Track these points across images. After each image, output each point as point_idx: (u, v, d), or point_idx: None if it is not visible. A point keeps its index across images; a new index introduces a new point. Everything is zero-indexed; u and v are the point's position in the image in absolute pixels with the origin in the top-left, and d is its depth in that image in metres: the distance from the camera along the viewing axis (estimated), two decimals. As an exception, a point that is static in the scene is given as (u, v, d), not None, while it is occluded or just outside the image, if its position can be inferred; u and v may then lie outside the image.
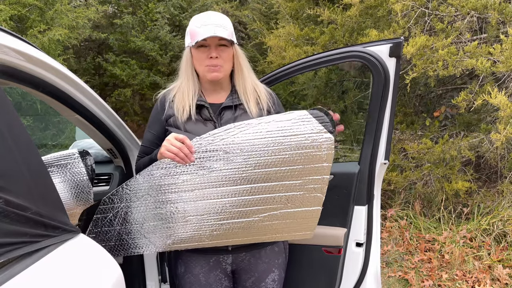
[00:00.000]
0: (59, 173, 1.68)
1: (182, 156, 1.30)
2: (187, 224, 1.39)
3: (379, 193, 1.87)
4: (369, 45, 1.69)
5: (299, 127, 1.30)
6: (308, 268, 1.87)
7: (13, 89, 4.34)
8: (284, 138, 1.31)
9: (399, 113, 4.49)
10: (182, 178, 1.35)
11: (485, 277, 3.05)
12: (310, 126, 1.30)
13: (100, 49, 8.35)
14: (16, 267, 0.79)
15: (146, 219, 1.41)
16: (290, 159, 1.32)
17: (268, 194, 1.35)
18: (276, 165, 1.32)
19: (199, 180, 1.34)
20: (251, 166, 1.32)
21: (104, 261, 1.07)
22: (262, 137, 1.30)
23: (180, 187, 1.36)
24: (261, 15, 8.01)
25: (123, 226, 1.42)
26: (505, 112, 2.89)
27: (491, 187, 4.02)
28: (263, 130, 1.30)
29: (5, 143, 0.82)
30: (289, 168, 1.33)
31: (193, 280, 1.54)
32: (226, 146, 1.31)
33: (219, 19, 1.46)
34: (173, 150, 1.30)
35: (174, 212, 1.39)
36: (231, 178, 1.34)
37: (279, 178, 1.34)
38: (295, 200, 1.36)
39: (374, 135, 1.75)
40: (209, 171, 1.33)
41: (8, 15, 4.63)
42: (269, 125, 1.30)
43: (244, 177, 1.33)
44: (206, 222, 1.39)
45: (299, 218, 1.39)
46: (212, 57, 1.45)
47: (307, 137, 1.31)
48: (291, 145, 1.31)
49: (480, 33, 3.68)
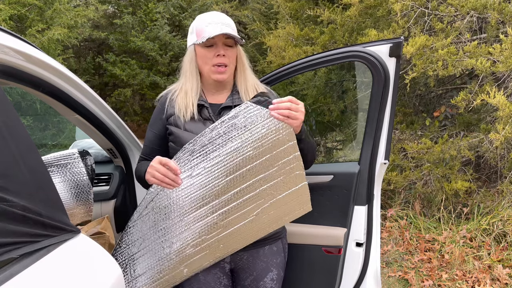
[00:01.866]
0: (59, 173, 1.68)
1: (168, 181, 1.32)
2: (193, 251, 1.41)
3: (379, 193, 1.87)
4: (369, 45, 1.69)
5: (249, 119, 1.30)
6: (308, 268, 1.87)
7: (13, 89, 4.34)
8: (241, 135, 1.30)
9: (399, 113, 4.49)
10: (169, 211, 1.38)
11: (485, 277, 3.06)
12: (260, 113, 1.29)
13: (100, 49, 8.35)
14: (16, 267, 0.79)
15: (151, 267, 1.43)
16: (256, 153, 1.32)
17: (252, 193, 1.36)
18: (246, 164, 1.32)
19: (186, 206, 1.36)
20: (224, 175, 1.33)
21: (104, 261, 1.07)
22: (223, 144, 1.31)
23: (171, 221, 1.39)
24: (261, 15, 8.01)
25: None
26: (504, 112, 2.89)
27: (491, 187, 4.02)
28: (221, 135, 1.31)
29: (5, 143, 0.82)
30: (259, 162, 1.33)
31: (191, 278, 1.55)
32: (195, 167, 1.33)
33: (224, 19, 1.47)
34: (158, 176, 1.32)
35: (172, 249, 1.42)
36: (210, 193, 1.34)
37: (255, 174, 1.34)
38: (280, 187, 1.37)
39: (374, 135, 1.75)
40: (190, 193, 1.35)
41: (7, 14, 4.63)
42: (221, 127, 1.31)
43: (223, 188, 1.34)
44: (207, 243, 1.40)
45: (290, 199, 1.39)
46: (219, 55, 1.45)
47: (262, 126, 1.30)
48: (251, 139, 1.30)
49: (480, 33, 3.69)
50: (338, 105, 4.45)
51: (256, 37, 6.84)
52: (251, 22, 7.70)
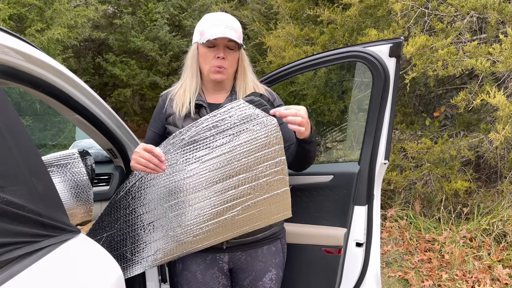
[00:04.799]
0: (59, 173, 1.68)
1: (152, 167, 1.31)
2: (168, 237, 1.44)
3: (379, 193, 1.87)
4: (369, 45, 1.69)
5: (240, 117, 1.30)
6: (308, 268, 1.87)
7: (12, 89, 4.34)
8: (231, 130, 1.31)
9: (399, 113, 4.49)
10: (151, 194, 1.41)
11: (485, 277, 3.06)
12: (252, 113, 1.30)
13: (100, 49, 8.35)
14: (16, 267, 0.79)
15: (129, 242, 1.47)
16: (243, 152, 1.32)
17: (234, 189, 1.37)
18: (232, 161, 1.33)
19: (171, 191, 1.39)
20: (210, 168, 1.34)
21: (104, 261, 1.07)
22: (212, 137, 1.32)
23: (149, 203, 1.42)
24: (260, 15, 8.01)
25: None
26: (504, 112, 2.89)
27: (491, 187, 4.02)
28: (210, 128, 1.32)
29: (5, 143, 0.82)
30: (245, 160, 1.33)
31: (190, 277, 1.55)
32: (186, 156, 1.35)
33: (230, 21, 1.47)
34: (141, 162, 1.31)
35: (153, 229, 1.43)
36: (198, 183, 1.37)
37: (239, 172, 1.35)
38: (261, 188, 1.37)
39: (374, 135, 1.75)
40: (181, 178, 1.37)
41: (7, 14, 4.63)
42: (212, 120, 1.31)
43: (209, 180, 1.36)
44: (188, 229, 1.42)
45: (271, 202, 1.39)
46: (219, 57, 1.46)
47: (253, 125, 1.30)
48: (241, 137, 1.31)
49: (480, 33, 3.69)
50: (338, 105, 4.45)
51: (256, 37, 6.83)
52: (250, 22, 7.69)
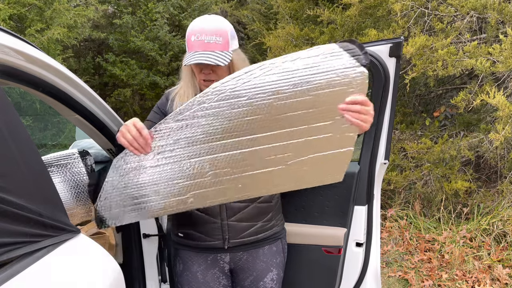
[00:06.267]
0: (59, 173, 1.68)
1: (136, 146, 1.24)
2: (210, 179, 1.29)
3: (379, 193, 1.87)
4: (369, 45, 1.68)
5: (328, 62, 1.17)
6: (308, 268, 1.87)
7: (13, 89, 4.34)
8: (312, 76, 1.17)
9: (399, 113, 4.49)
10: (203, 127, 1.23)
11: (485, 277, 3.06)
12: (341, 61, 1.17)
13: (99, 49, 8.34)
14: (16, 267, 0.79)
15: (163, 179, 1.30)
16: (319, 100, 1.19)
17: (294, 140, 1.24)
18: (305, 107, 1.20)
19: (217, 131, 1.23)
20: (276, 111, 1.20)
21: (104, 261, 1.07)
22: (288, 77, 1.18)
23: (198, 139, 1.25)
24: (260, 15, 8.02)
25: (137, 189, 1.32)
26: (503, 112, 2.89)
27: (491, 187, 4.02)
28: (289, 69, 1.17)
29: (5, 143, 0.82)
30: (319, 109, 1.20)
31: (191, 278, 1.55)
32: (249, 91, 1.18)
33: (211, 31, 1.38)
34: (127, 137, 1.24)
35: (194, 168, 1.27)
36: (251, 127, 1.21)
37: (307, 121, 1.21)
38: (326, 143, 1.25)
39: (374, 135, 1.75)
40: (228, 120, 1.21)
41: (7, 14, 4.63)
42: (295, 63, 1.17)
43: (268, 124, 1.21)
44: (227, 177, 1.29)
45: (329, 160, 1.28)
46: (204, 73, 1.42)
47: (338, 74, 1.17)
48: (321, 83, 1.18)
49: (480, 33, 3.69)
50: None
51: (255, 37, 6.83)
52: (250, 22, 7.69)
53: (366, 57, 1.17)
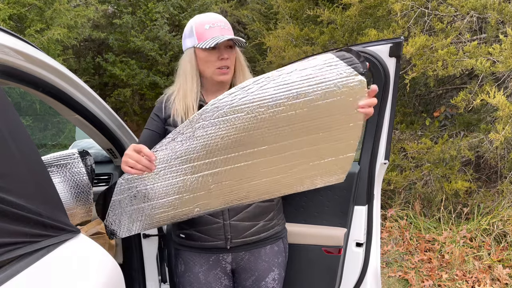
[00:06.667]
0: (59, 173, 1.68)
1: (139, 167, 1.25)
2: (214, 191, 1.31)
3: (379, 193, 1.87)
4: (369, 45, 1.68)
5: (325, 73, 1.16)
6: (308, 268, 1.87)
7: (13, 89, 4.34)
8: (309, 87, 1.17)
9: (399, 113, 4.49)
10: (204, 143, 1.25)
11: (485, 277, 3.06)
12: (338, 70, 1.16)
13: (99, 49, 8.34)
14: (16, 267, 0.79)
15: (169, 193, 1.33)
16: (318, 111, 1.19)
17: (294, 150, 1.25)
18: (303, 120, 1.20)
19: (218, 147, 1.24)
20: (275, 123, 1.20)
21: (104, 261, 1.07)
22: (285, 90, 1.17)
23: (200, 155, 1.26)
24: (260, 15, 8.01)
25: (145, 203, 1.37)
26: (504, 112, 2.89)
27: (491, 187, 4.02)
28: (286, 82, 1.17)
29: (5, 143, 0.82)
30: (318, 120, 1.20)
31: (192, 278, 1.55)
32: (247, 106, 1.18)
33: (223, 21, 1.48)
34: (130, 163, 1.26)
35: (198, 181, 1.30)
36: (251, 140, 1.23)
37: (307, 132, 1.22)
38: (327, 151, 1.26)
39: (374, 135, 1.75)
40: (228, 135, 1.22)
41: (7, 14, 4.63)
42: (291, 75, 1.17)
43: (268, 137, 1.22)
44: (232, 187, 1.31)
45: (332, 165, 1.29)
46: (223, 58, 1.46)
47: (336, 84, 1.16)
48: (319, 94, 1.17)
49: (480, 33, 3.69)
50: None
51: (255, 37, 6.83)
52: (250, 22, 7.69)
53: (363, 65, 1.17)
